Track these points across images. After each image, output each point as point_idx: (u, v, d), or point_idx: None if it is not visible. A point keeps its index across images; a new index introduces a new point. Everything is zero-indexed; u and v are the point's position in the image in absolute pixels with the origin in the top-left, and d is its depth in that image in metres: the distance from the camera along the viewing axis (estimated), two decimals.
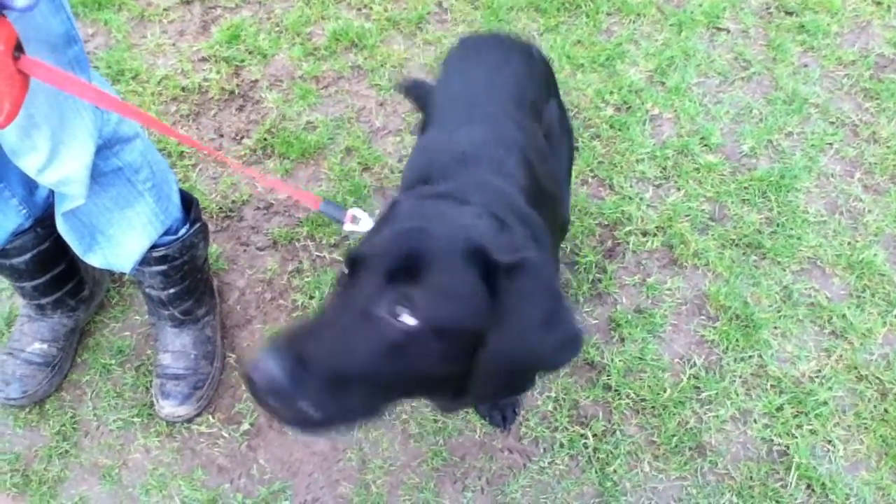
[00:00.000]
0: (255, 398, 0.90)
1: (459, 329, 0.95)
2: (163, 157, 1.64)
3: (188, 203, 1.75)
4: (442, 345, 0.94)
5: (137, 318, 2.09)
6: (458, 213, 1.06)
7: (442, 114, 1.57)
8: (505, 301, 0.94)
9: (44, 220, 1.67)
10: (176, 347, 1.92)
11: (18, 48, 0.92)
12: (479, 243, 0.97)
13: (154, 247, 1.65)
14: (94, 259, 1.60)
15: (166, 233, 1.66)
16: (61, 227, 1.52)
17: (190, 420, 1.93)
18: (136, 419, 1.94)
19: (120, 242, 1.57)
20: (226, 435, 1.92)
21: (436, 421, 1.92)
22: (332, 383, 0.90)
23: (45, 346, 1.93)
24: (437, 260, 0.95)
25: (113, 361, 2.02)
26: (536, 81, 1.68)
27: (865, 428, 1.91)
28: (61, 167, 1.26)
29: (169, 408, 1.89)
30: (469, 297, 0.94)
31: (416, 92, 2.00)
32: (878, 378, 1.98)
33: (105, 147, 1.37)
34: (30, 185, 1.58)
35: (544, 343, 0.98)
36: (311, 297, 2.10)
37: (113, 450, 1.90)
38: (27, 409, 1.94)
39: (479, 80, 1.59)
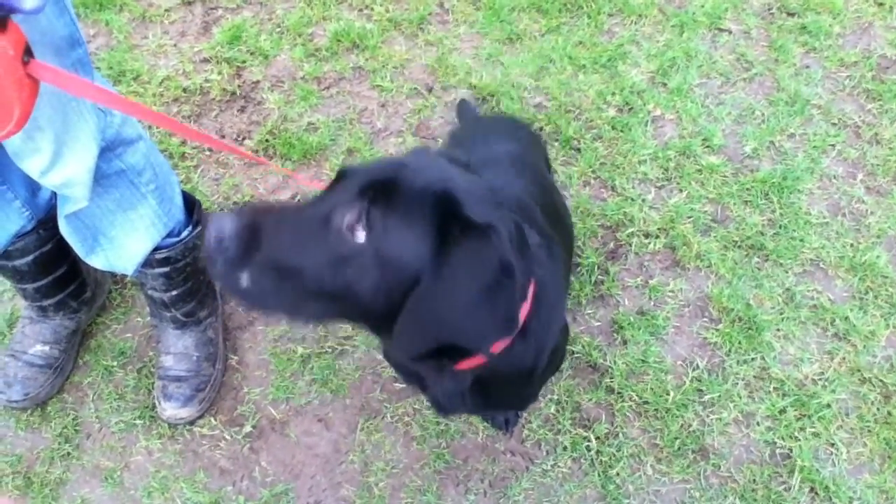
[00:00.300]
0: (205, 248, 0.96)
1: (399, 263, 0.95)
2: (165, 159, 1.64)
3: (190, 205, 1.75)
4: (379, 272, 0.95)
5: (139, 319, 2.09)
6: (456, 171, 1.06)
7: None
8: (452, 255, 0.94)
9: (46, 222, 1.67)
10: (178, 349, 1.92)
11: (28, 52, 0.92)
12: (454, 194, 0.97)
13: (156, 249, 1.64)
14: (97, 261, 1.60)
15: (169, 235, 1.66)
16: (64, 229, 1.52)
17: (192, 422, 1.92)
18: (137, 421, 1.94)
19: (122, 244, 1.57)
20: (228, 437, 1.92)
21: (438, 423, 1.92)
22: (272, 267, 0.96)
23: (46, 347, 1.92)
24: (408, 193, 0.97)
25: (115, 363, 2.01)
26: (542, 155, 1.86)
27: (869, 431, 1.91)
28: (64, 169, 1.25)
29: (171, 410, 1.88)
30: (420, 237, 0.95)
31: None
32: (881, 381, 1.98)
33: (108, 149, 1.36)
34: (32, 187, 1.58)
35: (472, 312, 0.96)
36: None
37: (115, 452, 1.90)
38: (29, 412, 1.94)
39: (495, 147, 1.67)
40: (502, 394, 1.33)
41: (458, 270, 0.94)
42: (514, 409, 1.47)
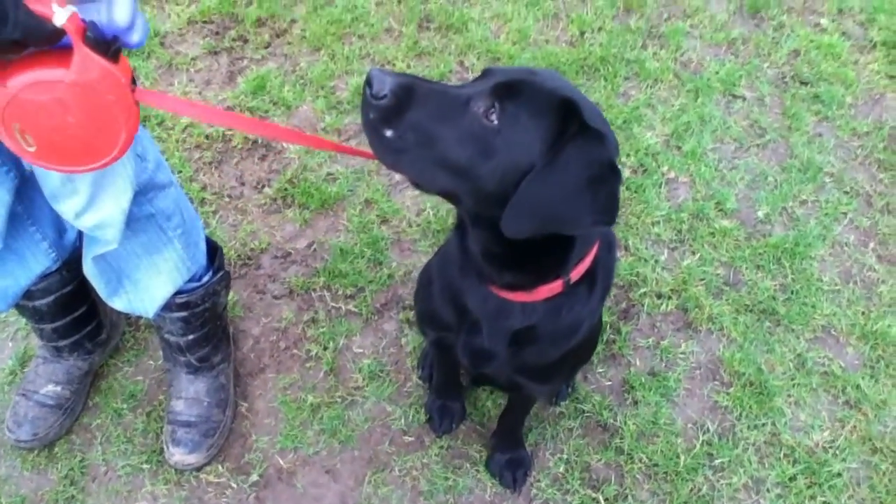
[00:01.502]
0: (363, 97, 1.09)
1: (520, 148, 1.08)
2: (193, 206, 1.67)
3: (212, 251, 1.77)
4: (502, 153, 1.08)
5: (151, 362, 2.09)
6: (578, 91, 1.18)
7: None
8: (567, 149, 1.06)
9: (69, 264, 1.69)
10: (189, 394, 1.92)
11: (133, 81, 1.00)
12: (576, 102, 1.10)
13: (177, 293, 1.66)
14: (119, 303, 1.62)
15: (190, 279, 1.67)
16: (89, 270, 1.53)
17: (199, 468, 1.91)
18: (144, 465, 1.93)
19: (146, 287, 1.59)
20: (234, 485, 1.90)
21: (446, 479, 1.91)
22: (415, 130, 1.09)
23: (58, 388, 1.92)
24: (537, 94, 1.10)
25: (125, 406, 2.01)
26: None
27: (880, 502, 1.89)
28: (99, 212, 1.28)
29: (179, 455, 1.88)
30: (541, 129, 1.08)
31: None
32: (892, 451, 1.97)
33: (140, 193, 1.39)
34: (60, 229, 1.60)
35: (581, 198, 1.09)
36: (325, 348, 2.11)
37: (120, 496, 1.89)
38: (36, 452, 1.94)
39: None
40: (539, 354, 1.41)
41: (571, 162, 1.07)
42: (540, 380, 1.48)
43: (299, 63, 2.78)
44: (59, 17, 0.89)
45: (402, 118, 1.08)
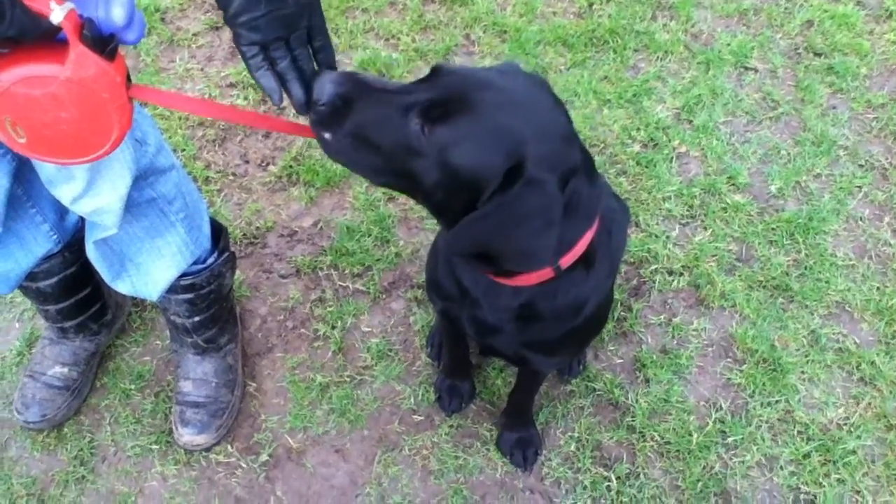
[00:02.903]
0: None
1: (462, 174, 1.08)
2: (196, 188, 1.64)
3: (217, 232, 1.75)
4: (440, 175, 1.08)
5: (158, 342, 2.08)
6: (534, 115, 1.14)
7: None
8: (511, 195, 1.06)
9: (72, 245, 1.67)
10: (197, 375, 1.91)
11: (128, 78, 1.01)
12: (523, 151, 1.06)
13: (182, 275, 1.64)
14: (122, 286, 1.60)
15: (195, 262, 1.65)
16: (91, 254, 1.51)
17: (208, 449, 1.91)
18: (154, 446, 1.92)
19: (149, 271, 1.57)
20: (244, 465, 1.90)
21: (456, 458, 1.90)
22: (354, 137, 1.09)
23: (65, 369, 1.91)
24: (483, 122, 1.07)
25: (133, 386, 2.00)
26: None
27: None
28: (97, 198, 1.25)
29: (188, 436, 1.87)
30: (485, 163, 1.07)
31: None
32: None
33: (141, 178, 1.36)
34: (61, 211, 1.58)
35: (530, 242, 1.11)
36: (334, 327, 2.09)
37: (130, 477, 1.89)
38: (45, 433, 1.93)
39: None
40: (544, 330, 1.41)
41: (514, 208, 1.07)
42: (547, 353, 1.48)
43: None
44: (56, 14, 0.88)
45: (341, 124, 1.09)
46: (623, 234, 1.46)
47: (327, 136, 1.11)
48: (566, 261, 1.24)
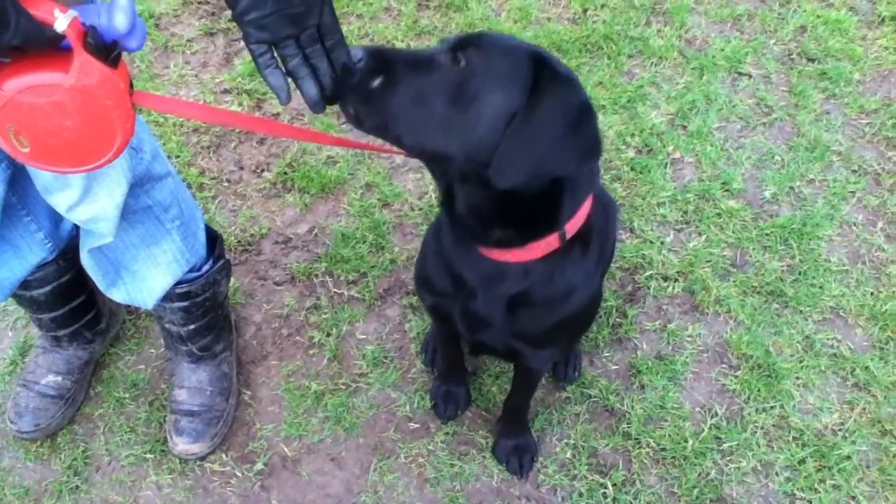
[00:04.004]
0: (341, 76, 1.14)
1: (496, 92, 1.12)
2: (191, 195, 1.64)
3: (212, 239, 1.74)
4: (478, 100, 1.12)
5: (153, 351, 2.07)
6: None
7: None
8: (544, 98, 1.11)
9: (66, 253, 1.66)
10: (192, 383, 1.90)
11: (130, 85, 1.01)
12: (542, 53, 1.16)
13: (177, 283, 1.63)
14: (117, 294, 1.59)
15: (190, 270, 1.65)
16: (86, 262, 1.51)
17: (203, 458, 1.90)
18: (148, 455, 1.91)
19: (144, 279, 1.56)
20: (239, 474, 1.89)
21: (452, 465, 1.89)
22: (393, 86, 1.13)
23: (59, 378, 1.90)
24: (500, 47, 1.16)
25: (127, 395, 2.00)
26: None
27: (891, 485, 1.88)
28: (93, 206, 1.25)
29: (183, 445, 1.86)
30: (515, 77, 1.12)
31: None
32: None
33: (136, 185, 1.36)
34: (55, 219, 1.57)
35: (564, 141, 1.13)
36: (329, 335, 2.09)
37: (124, 486, 1.88)
38: (38, 443, 1.92)
39: None
40: (534, 319, 1.43)
41: (550, 109, 1.11)
42: (537, 345, 1.49)
43: None
44: (61, 23, 0.88)
45: (378, 82, 1.13)
46: (615, 221, 1.51)
47: (361, 100, 1.14)
48: (571, 227, 1.28)
